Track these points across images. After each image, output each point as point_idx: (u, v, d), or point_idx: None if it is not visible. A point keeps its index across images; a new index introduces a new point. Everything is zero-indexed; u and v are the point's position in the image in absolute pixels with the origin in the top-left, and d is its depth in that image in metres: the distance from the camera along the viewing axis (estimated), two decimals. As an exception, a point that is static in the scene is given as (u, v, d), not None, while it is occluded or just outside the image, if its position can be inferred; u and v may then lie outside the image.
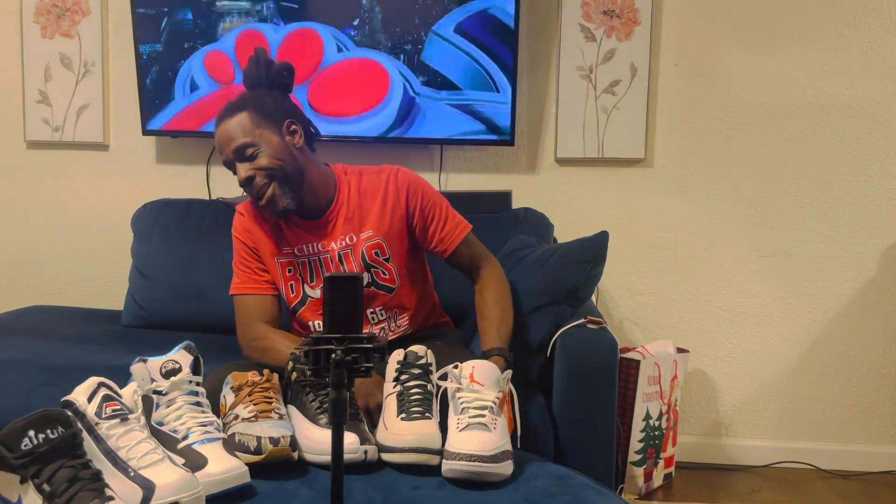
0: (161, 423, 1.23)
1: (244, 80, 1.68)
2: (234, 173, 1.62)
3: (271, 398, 1.35)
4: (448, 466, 1.24)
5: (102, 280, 2.80)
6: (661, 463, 2.42)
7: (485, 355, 1.57)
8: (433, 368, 1.43)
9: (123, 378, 1.27)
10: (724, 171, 2.60)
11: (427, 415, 1.33)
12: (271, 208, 1.61)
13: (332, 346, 0.99)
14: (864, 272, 2.59)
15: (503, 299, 1.69)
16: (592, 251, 1.83)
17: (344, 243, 1.69)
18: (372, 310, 1.73)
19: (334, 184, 1.71)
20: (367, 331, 1.71)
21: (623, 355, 2.28)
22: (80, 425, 1.06)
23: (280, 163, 1.60)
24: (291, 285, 1.72)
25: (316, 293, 1.71)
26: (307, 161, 1.67)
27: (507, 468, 1.25)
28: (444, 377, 1.41)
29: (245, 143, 1.58)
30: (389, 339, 1.76)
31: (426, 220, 1.72)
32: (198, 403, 1.27)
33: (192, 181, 2.73)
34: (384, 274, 1.72)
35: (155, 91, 2.57)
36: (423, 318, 1.84)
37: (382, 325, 1.75)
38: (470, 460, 1.22)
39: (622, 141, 2.59)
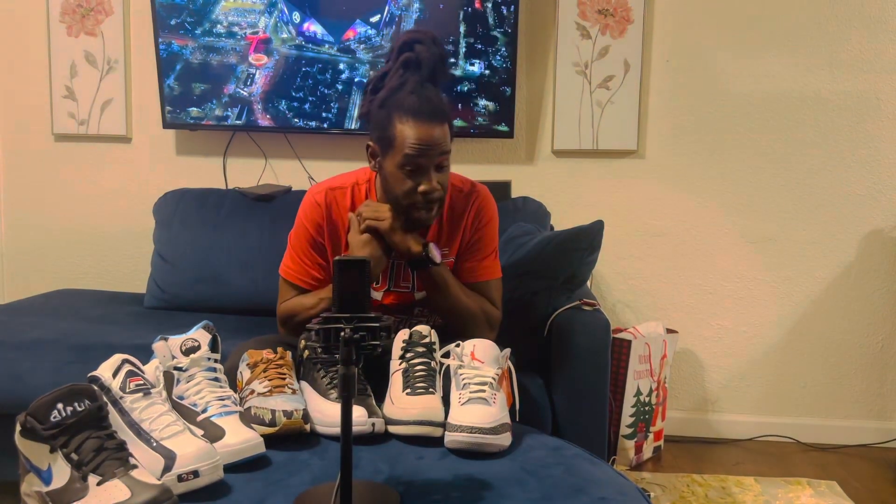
0: (181, 398, 1.23)
1: (418, 62, 1.47)
2: (419, 174, 1.46)
3: (285, 374, 1.35)
4: (450, 438, 1.24)
5: (126, 265, 2.80)
6: (651, 436, 2.42)
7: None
8: (436, 347, 1.43)
9: (146, 356, 1.27)
10: (711, 162, 2.59)
11: (431, 390, 1.33)
12: (426, 217, 1.51)
13: (342, 325, 0.99)
14: (843, 258, 2.58)
15: (481, 318, 1.61)
16: (588, 240, 1.82)
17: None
18: (420, 308, 1.70)
19: None
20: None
21: (615, 336, 2.28)
22: (105, 399, 1.06)
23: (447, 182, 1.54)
24: None
25: (377, 295, 1.65)
26: None
27: (505, 440, 1.25)
28: (446, 355, 1.41)
29: (446, 153, 1.48)
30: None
31: (473, 247, 1.66)
32: (216, 379, 1.27)
33: (210, 172, 2.72)
34: None
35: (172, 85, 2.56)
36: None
37: (422, 319, 1.69)
38: (471, 432, 1.22)
39: (616, 133, 2.57)
